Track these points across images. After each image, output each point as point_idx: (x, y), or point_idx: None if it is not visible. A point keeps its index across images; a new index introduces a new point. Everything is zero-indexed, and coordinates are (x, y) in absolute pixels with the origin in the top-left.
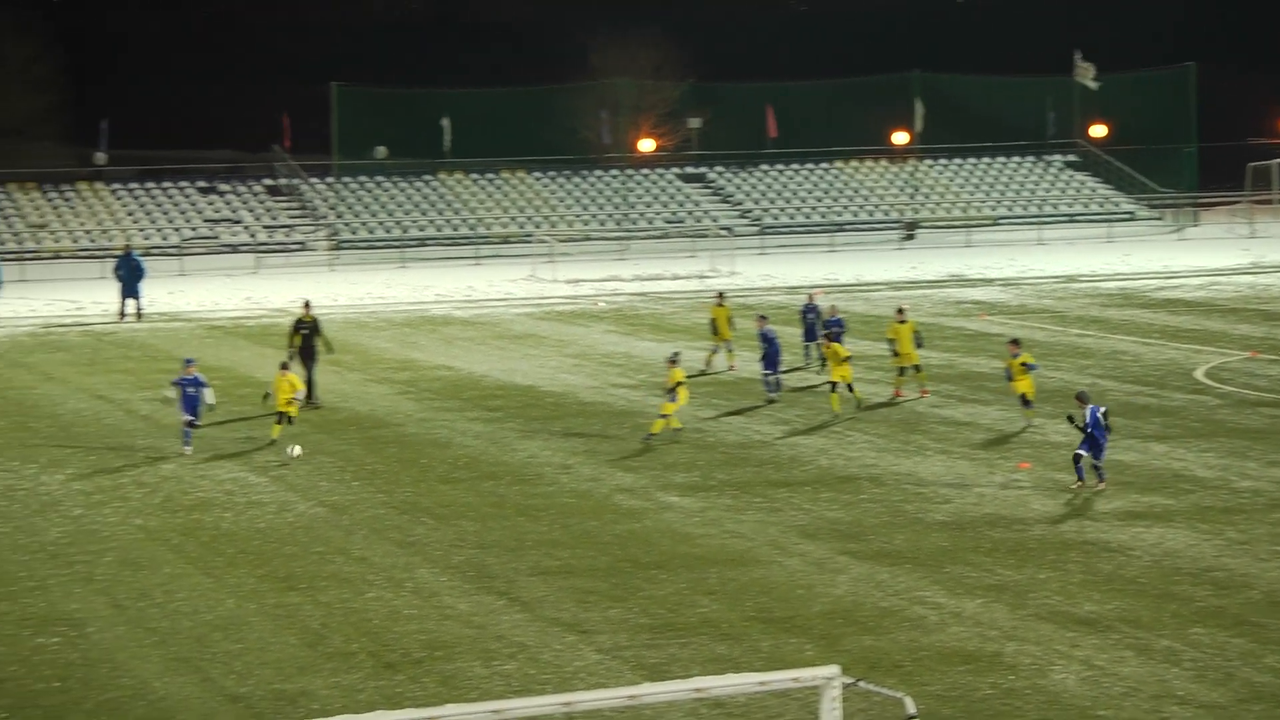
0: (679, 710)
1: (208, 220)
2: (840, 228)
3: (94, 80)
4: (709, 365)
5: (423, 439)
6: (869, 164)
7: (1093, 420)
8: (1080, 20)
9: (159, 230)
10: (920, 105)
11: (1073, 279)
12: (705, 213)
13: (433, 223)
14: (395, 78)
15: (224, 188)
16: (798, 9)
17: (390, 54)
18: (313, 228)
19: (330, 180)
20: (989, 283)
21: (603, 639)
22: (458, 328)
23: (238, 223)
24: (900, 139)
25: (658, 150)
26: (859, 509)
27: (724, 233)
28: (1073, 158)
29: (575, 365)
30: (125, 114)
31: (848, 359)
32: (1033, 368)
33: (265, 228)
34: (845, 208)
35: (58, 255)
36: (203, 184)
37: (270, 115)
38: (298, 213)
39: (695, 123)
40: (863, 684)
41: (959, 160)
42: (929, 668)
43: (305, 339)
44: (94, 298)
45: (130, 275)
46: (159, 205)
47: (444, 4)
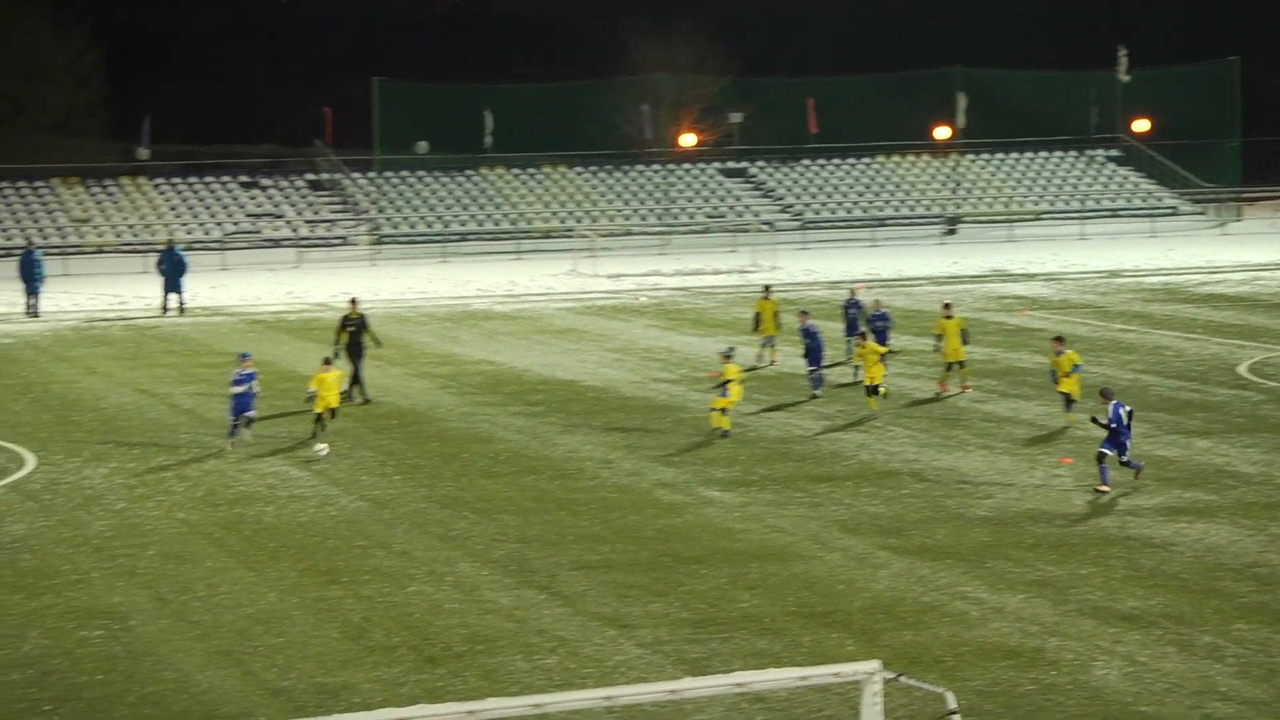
0: (720, 705)
1: (250, 215)
2: (882, 223)
3: (136, 75)
4: (760, 360)
5: (464, 433)
6: (911, 159)
7: (1115, 417)
8: (1123, 14)
9: (201, 225)
10: (962, 100)
11: (1115, 274)
12: (746, 207)
13: (474, 217)
14: (437, 73)
15: (266, 182)
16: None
17: (432, 49)
18: (354, 222)
19: (372, 175)
20: (1031, 278)
21: (644, 633)
22: (499, 322)
23: (279, 217)
24: (942, 134)
25: (699, 145)
26: (900, 504)
27: (765, 228)
28: (1116, 152)
29: (616, 360)
30: (168, 109)
31: (886, 354)
32: (1079, 368)
33: (307, 222)
34: (887, 203)
35: (100, 249)
36: (245, 179)
37: (312, 110)
38: (339, 207)
39: (736, 118)
40: (904, 679)
41: (1001, 155)
42: (970, 663)
43: (352, 335)
44: (136, 292)
45: (173, 270)
46: (201, 200)
47: None
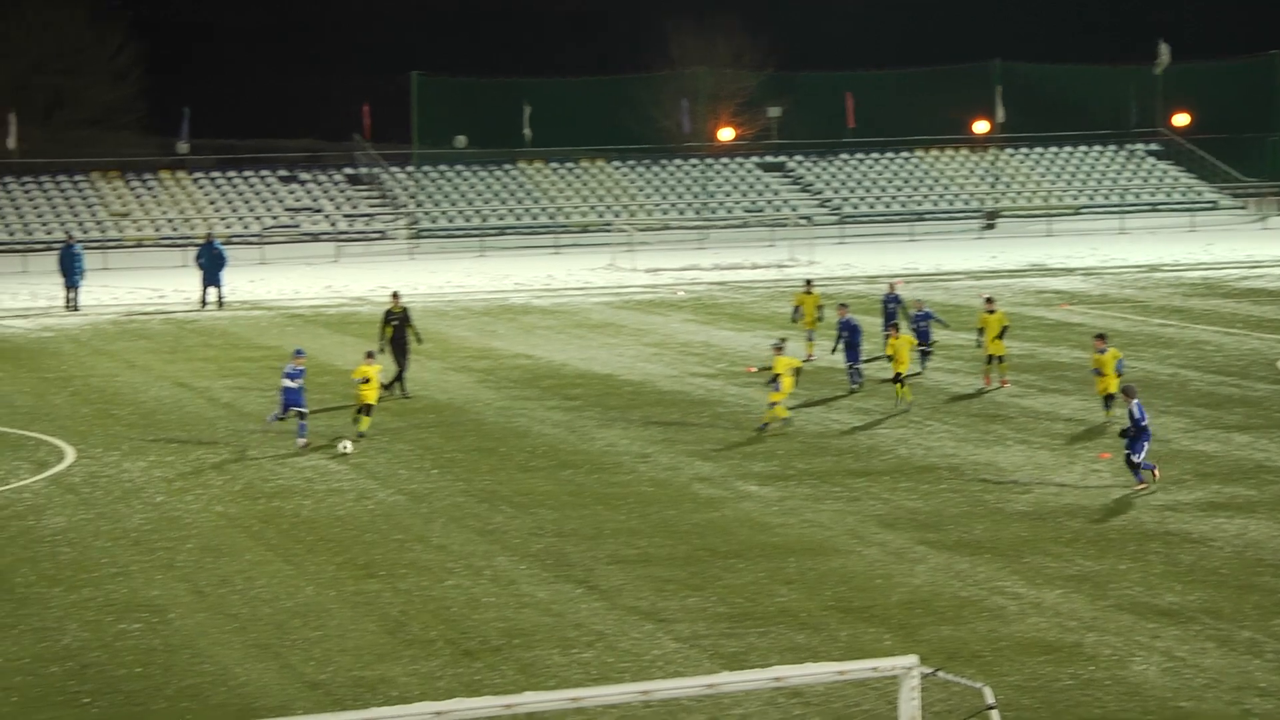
0: (757, 699)
1: (288, 209)
2: (920, 217)
3: (175, 70)
4: (809, 357)
5: (502, 427)
6: (949, 153)
7: (1140, 415)
8: (1163, 8)
9: (240, 219)
10: (1001, 94)
11: (1155, 268)
12: (785, 202)
13: (512, 211)
14: (476, 67)
15: (304, 176)
16: None
17: (470, 43)
18: (393, 216)
19: (410, 169)
20: (1070, 272)
21: (681, 628)
22: (537, 316)
23: (318, 211)
24: (981, 128)
25: (737, 139)
26: (938, 499)
27: (803, 222)
28: (1155, 146)
29: (654, 354)
30: (207, 103)
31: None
32: (1121, 365)
33: (345, 216)
34: (925, 197)
35: (140, 243)
36: (283, 173)
37: (351, 104)
38: (378, 201)
39: (775, 112)
40: (941, 674)
41: (1040, 149)
42: (1008, 658)
43: (396, 330)
44: (175, 286)
45: (211, 263)
46: (240, 194)
47: None
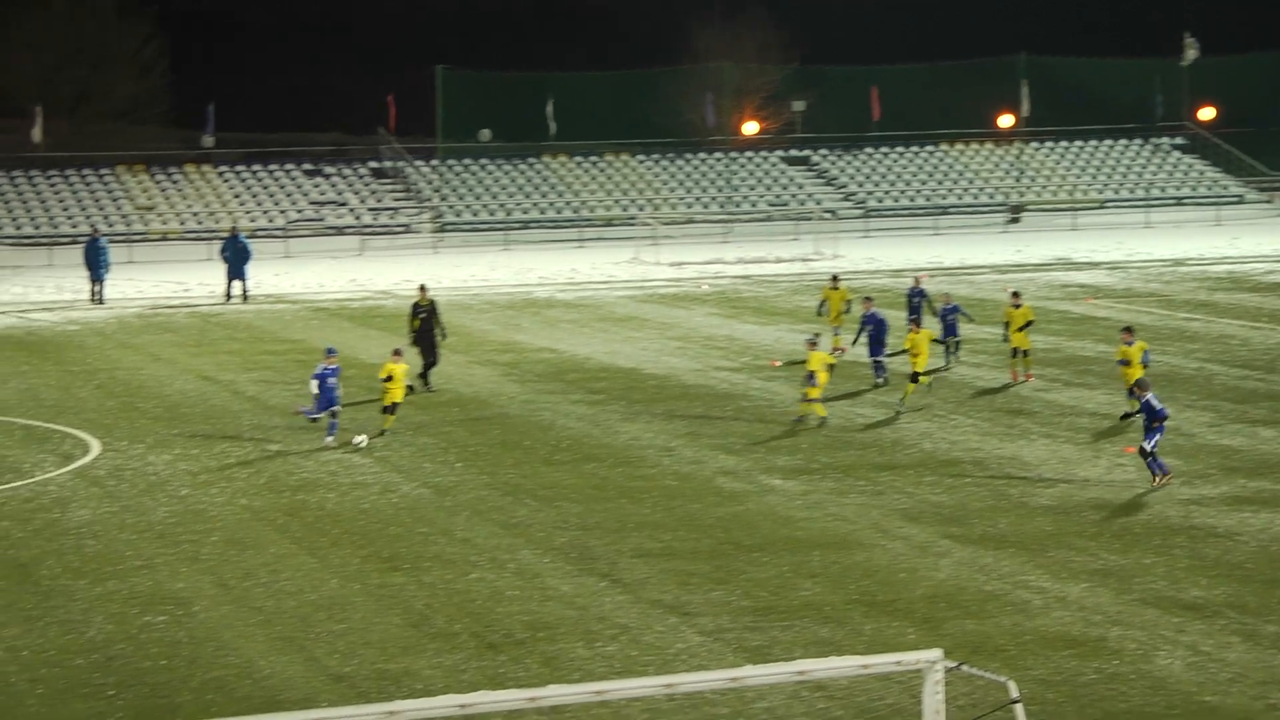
0: (780, 693)
1: (313, 203)
2: (945, 211)
3: (201, 63)
4: (839, 349)
5: (526, 421)
6: (974, 147)
7: (1160, 411)
8: (1190, 1)
9: (265, 212)
10: (1026, 87)
11: (1180, 262)
12: (809, 195)
13: (536, 205)
14: (500, 61)
15: (329, 170)
16: None
17: (495, 37)
18: (417, 210)
19: (435, 163)
20: (1095, 266)
21: (705, 621)
22: (561, 310)
23: (343, 205)
24: (1006, 121)
25: (761, 133)
26: (962, 493)
27: (828, 215)
28: (1181, 140)
29: (678, 348)
30: (232, 97)
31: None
32: (1147, 357)
33: (370, 210)
34: (950, 190)
35: (165, 237)
36: (308, 166)
37: (375, 98)
38: (402, 195)
39: (799, 105)
40: (966, 668)
41: (1065, 143)
42: (1032, 652)
43: (423, 323)
44: (200, 279)
45: (236, 257)
46: (265, 187)
47: None
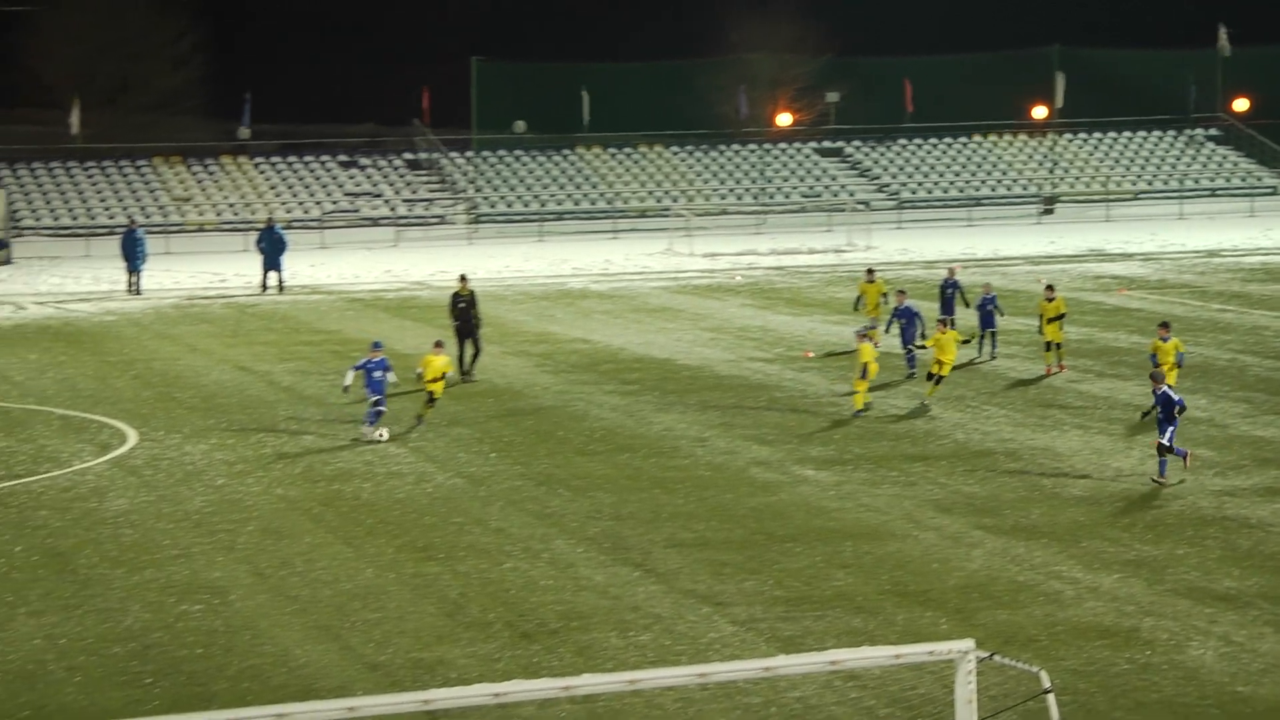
0: (813, 682)
1: (348, 194)
2: (978, 202)
3: (237, 55)
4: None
5: (560, 411)
6: (1008, 138)
7: (1174, 402)
8: None
9: (300, 204)
10: (1060, 79)
11: (1214, 254)
12: (842, 187)
13: (570, 197)
14: (535, 52)
15: (364, 162)
16: None
17: (530, 29)
18: (452, 201)
19: (469, 154)
20: (1129, 257)
21: (738, 611)
22: (595, 301)
23: (378, 196)
24: (1040, 113)
25: (795, 124)
26: (995, 483)
27: (861, 207)
28: (1215, 131)
29: (711, 339)
30: (268, 88)
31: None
32: (1180, 359)
33: (405, 201)
34: (983, 182)
35: (201, 228)
36: (343, 158)
37: (410, 90)
38: (437, 187)
39: (833, 97)
40: (998, 658)
41: (1099, 134)
42: (1065, 642)
43: (462, 312)
44: (236, 270)
45: (272, 248)
46: (300, 179)
47: None
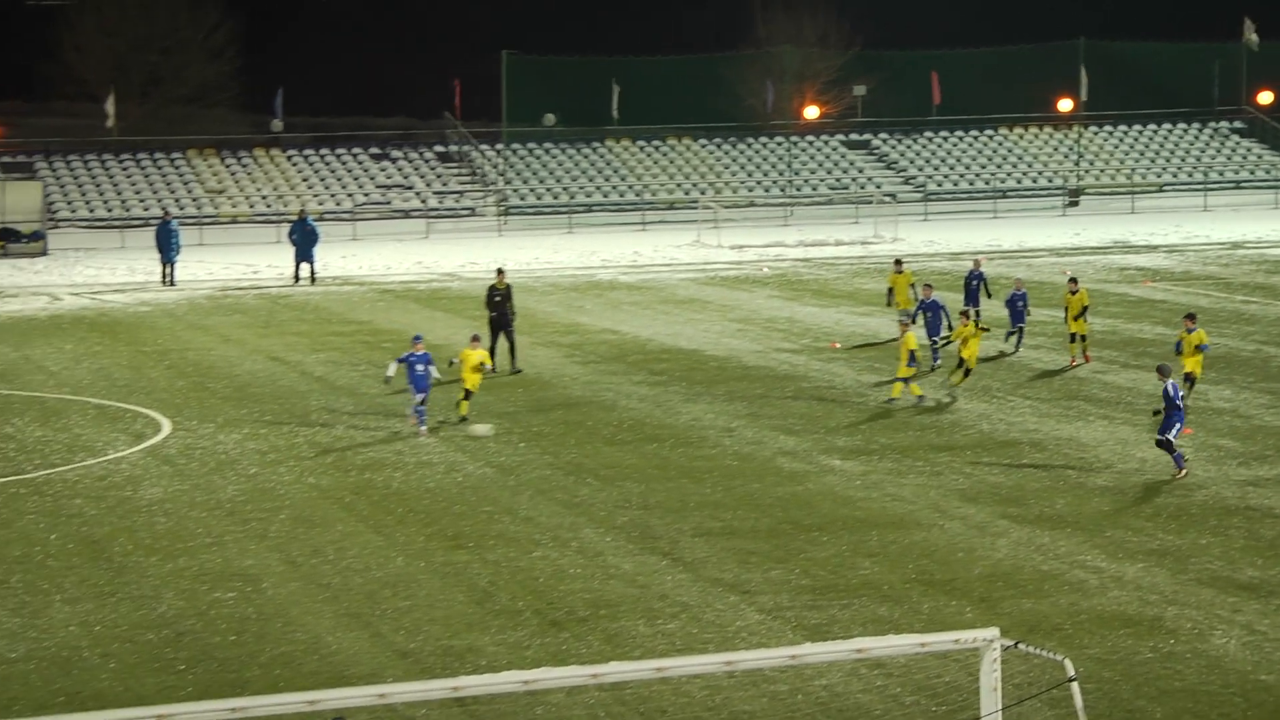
0: (839, 670)
1: (380, 186)
2: (1004, 194)
3: (270, 48)
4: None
5: (588, 401)
6: (1033, 131)
7: (1174, 394)
8: None
9: (332, 196)
10: (1085, 72)
11: (1238, 245)
12: (869, 179)
13: (599, 189)
14: (565, 46)
15: (396, 154)
16: None
17: (560, 22)
18: (482, 194)
19: (500, 147)
20: (1153, 249)
21: (764, 599)
22: (623, 292)
23: (409, 188)
24: (1065, 106)
25: (822, 117)
26: (1020, 473)
27: (888, 199)
28: (1239, 124)
29: (739, 330)
30: (300, 81)
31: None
32: (1205, 348)
33: (436, 193)
34: (1009, 174)
35: (234, 220)
36: (375, 150)
37: (442, 83)
38: (468, 179)
39: (860, 90)
40: (1022, 646)
41: (1124, 127)
42: (1089, 631)
43: (498, 305)
44: (269, 261)
45: (304, 240)
46: (333, 171)
47: None
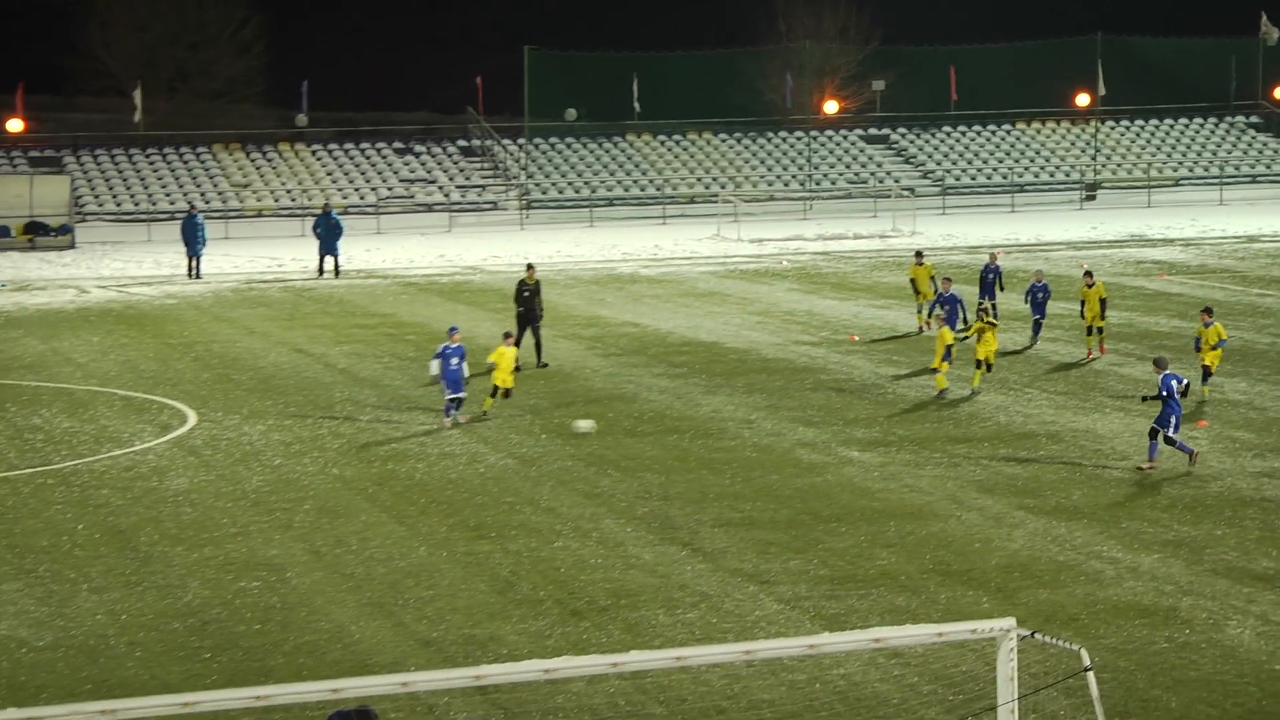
0: (857, 660)
1: (403, 180)
2: (1021, 188)
3: (296, 44)
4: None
5: (609, 393)
6: (1051, 125)
7: (1166, 388)
8: None
9: (356, 190)
10: (1102, 67)
11: (1254, 239)
12: (887, 173)
13: (620, 183)
14: (586, 41)
15: (419, 149)
16: None
17: (582, 18)
18: (504, 188)
19: (521, 142)
20: (1170, 243)
21: (783, 589)
22: (644, 285)
23: (432, 183)
24: (1082, 101)
25: (841, 112)
26: (1037, 465)
27: (906, 193)
28: (1255, 119)
29: (758, 322)
30: (325, 76)
31: (992, 327)
32: (1223, 344)
33: (459, 188)
34: (1026, 169)
35: (260, 214)
36: (399, 145)
37: (465, 78)
38: (490, 173)
39: (879, 85)
40: (1039, 636)
41: (1141, 121)
42: (1105, 621)
43: (527, 301)
44: (294, 255)
45: (329, 233)
46: (357, 165)
47: None
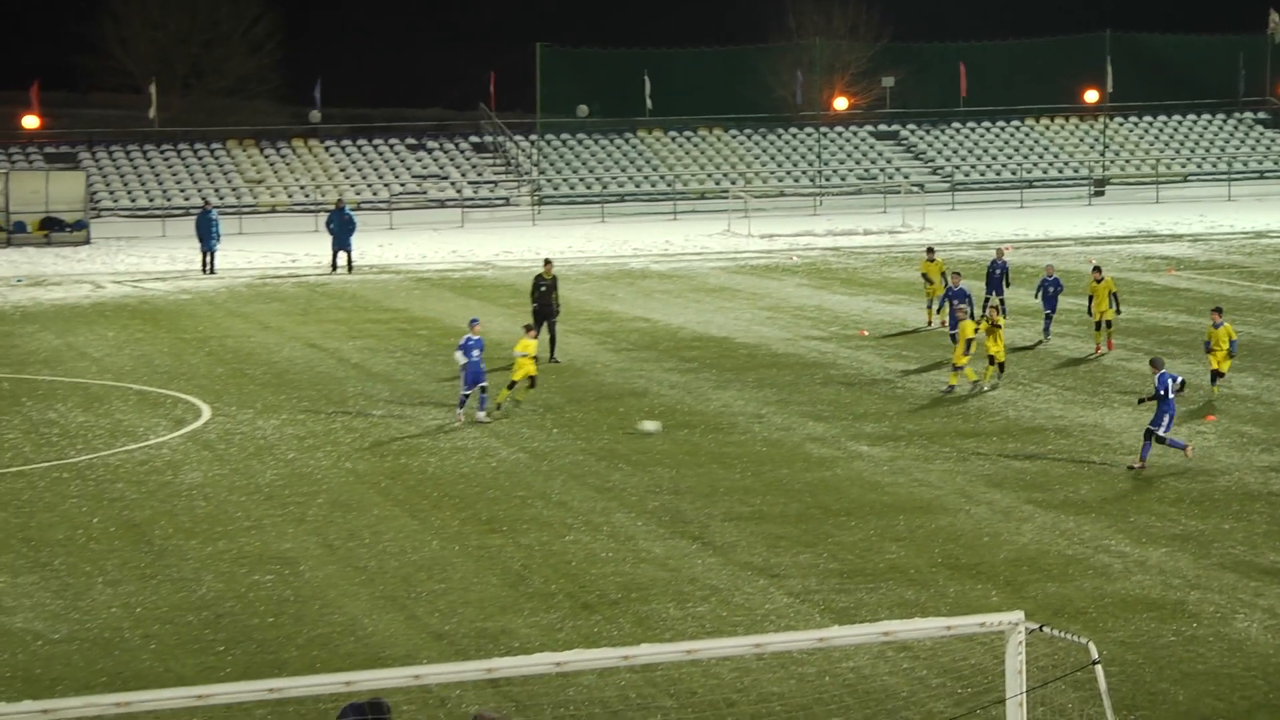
0: (866, 653)
1: (416, 176)
2: (1030, 184)
3: (309, 40)
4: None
5: (620, 388)
6: (1059, 122)
7: (1162, 387)
8: None
9: (369, 186)
10: (1111, 63)
11: (1262, 235)
12: (897, 169)
13: (631, 179)
14: (598, 38)
15: (432, 145)
16: None
17: (593, 15)
18: (516, 184)
19: (533, 138)
20: (1178, 238)
21: (793, 583)
22: (655, 281)
23: (445, 179)
24: (1091, 97)
25: (851, 108)
26: (1045, 459)
27: (915, 189)
28: (1263, 115)
29: (769, 318)
30: (338, 73)
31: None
32: (1234, 346)
33: (471, 183)
34: (1035, 165)
35: (273, 209)
36: (411, 141)
37: (477, 75)
38: (502, 169)
39: (889, 81)
40: (1047, 629)
41: (1149, 118)
42: (1113, 615)
43: (543, 296)
44: (307, 250)
45: (342, 229)
46: (369, 161)
47: None
